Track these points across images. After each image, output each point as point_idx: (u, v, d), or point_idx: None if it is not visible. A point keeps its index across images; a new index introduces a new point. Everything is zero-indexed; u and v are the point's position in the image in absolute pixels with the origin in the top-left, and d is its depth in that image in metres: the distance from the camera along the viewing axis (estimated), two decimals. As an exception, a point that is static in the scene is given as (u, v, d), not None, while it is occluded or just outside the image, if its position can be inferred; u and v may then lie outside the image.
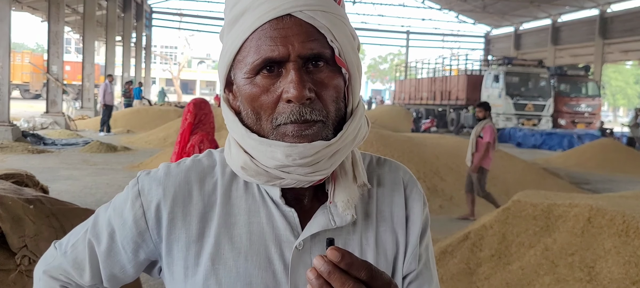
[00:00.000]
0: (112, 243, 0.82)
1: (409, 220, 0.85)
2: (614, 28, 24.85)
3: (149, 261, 0.83)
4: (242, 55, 0.75)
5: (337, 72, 0.75)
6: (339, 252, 0.60)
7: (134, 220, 0.80)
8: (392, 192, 0.85)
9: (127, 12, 25.23)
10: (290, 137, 0.72)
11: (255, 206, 0.79)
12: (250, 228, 0.78)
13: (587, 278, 3.65)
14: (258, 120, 0.75)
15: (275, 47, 0.71)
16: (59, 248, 0.87)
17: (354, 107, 0.78)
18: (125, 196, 0.82)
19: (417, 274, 0.86)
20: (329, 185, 0.79)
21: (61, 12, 15.32)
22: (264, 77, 0.73)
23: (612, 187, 8.96)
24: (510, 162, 8.86)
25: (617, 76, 45.69)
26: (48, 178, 7.02)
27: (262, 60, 0.72)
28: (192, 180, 0.80)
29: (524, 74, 20.37)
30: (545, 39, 29.70)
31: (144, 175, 0.82)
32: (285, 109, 0.72)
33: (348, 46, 0.75)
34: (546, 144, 16.76)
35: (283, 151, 0.72)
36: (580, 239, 3.87)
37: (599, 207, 4.00)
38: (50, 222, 2.55)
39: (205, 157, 0.84)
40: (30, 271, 2.44)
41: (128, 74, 24.13)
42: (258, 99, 0.74)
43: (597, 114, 21.09)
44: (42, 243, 2.45)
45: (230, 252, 0.77)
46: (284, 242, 0.78)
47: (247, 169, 0.76)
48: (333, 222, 0.77)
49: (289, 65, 0.72)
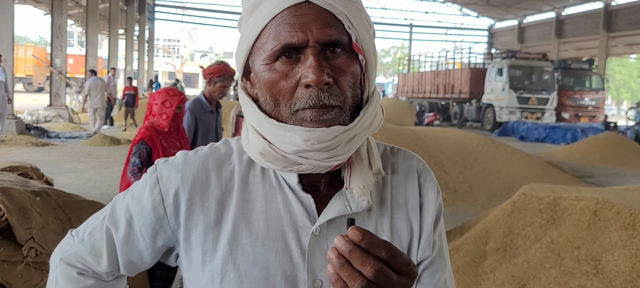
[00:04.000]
0: (130, 230, 0.83)
1: (423, 208, 0.86)
2: (618, 21, 24.72)
3: (167, 248, 0.84)
4: (260, 42, 0.76)
5: (354, 58, 0.76)
6: (359, 231, 0.61)
7: (152, 207, 0.81)
8: (406, 180, 0.87)
9: (130, 5, 25.19)
10: (309, 121, 0.73)
11: (273, 192, 0.80)
12: (267, 214, 0.79)
13: (593, 271, 3.64)
14: (276, 106, 0.76)
15: (294, 33, 0.72)
16: (76, 236, 0.88)
17: (370, 93, 0.79)
18: (143, 183, 0.83)
19: (431, 261, 0.87)
20: (345, 171, 0.80)
21: (64, 5, 15.32)
22: (282, 63, 0.74)
23: (616, 181, 8.93)
24: (514, 155, 8.84)
25: (621, 69, 45.47)
26: (52, 171, 7.03)
27: (281, 46, 0.73)
28: (209, 167, 0.82)
29: (528, 67, 20.29)
30: (549, 32, 29.56)
31: (162, 162, 0.83)
32: (304, 94, 0.73)
33: (364, 33, 0.76)
34: (550, 138, 16.72)
35: (301, 135, 0.73)
36: (586, 232, 3.86)
37: (606, 200, 3.99)
38: (56, 214, 2.55)
39: (222, 145, 0.85)
40: (37, 263, 2.44)
41: (131, 67, 24.12)
42: (277, 84, 0.75)
43: (600, 108, 21.01)
44: (48, 235, 2.45)
45: (248, 237, 0.78)
46: (300, 228, 0.79)
47: (266, 155, 0.77)
48: (349, 207, 0.79)
49: (307, 51, 0.73)
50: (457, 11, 36.62)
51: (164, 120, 3.31)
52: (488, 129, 20.07)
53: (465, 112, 22.22)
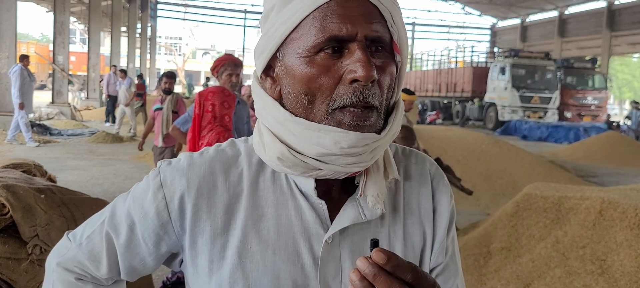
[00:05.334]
0: (131, 235, 0.79)
1: (436, 213, 0.84)
2: (621, 20, 24.65)
3: (170, 253, 0.81)
4: (298, 34, 0.71)
5: (391, 59, 0.73)
6: (384, 253, 0.58)
7: (156, 212, 0.77)
8: (419, 184, 0.84)
9: (132, 3, 25.20)
10: (347, 125, 0.69)
11: (284, 198, 0.76)
12: (278, 221, 0.76)
13: (598, 271, 3.63)
14: (310, 104, 0.71)
15: (343, 24, 0.68)
16: (73, 240, 0.84)
17: (397, 100, 0.77)
18: (145, 187, 0.79)
19: (444, 267, 0.85)
20: (360, 177, 0.77)
21: (67, 2, 15.32)
22: (325, 57, 0.70)
23: (619, 180, 8.91)
24: (517, 154, 8.82)
25: (624, 69, 45.36)
26: (55, 168, 7.03)
27: (326, 38, 0.69)
28: (216, 170, 0.77)
29: (530, 66, 20.25)
30: (552, 31, 29.50)
31: (166, 165, 0.79)
32: (347, 91, 0.69)
33: (403, 33, 0.74)
34: (552, 137, 16.69)
35: (333, 137, 0.69)
36: (591, 232, 3.84)
37: (611, 199, 3.97)
38: (61, 211, 2.54)
39: (229, 147, 0.81)
40: (42, 260, 2.44)
41: (133, 64, 24.14)
42: (316, 79, 0.70)
43: (603, 107, 20.96)
44: (53, 233, 2.44)
45: (258, 245, 0.75)
46: (312, 235, 0.75)
47: (284, 160, 0.73)
48: (363, 215, 0.76)
49: (353, 45, 0.69)
50: (460, 10, 36.56)
51: (228, 122, 3.39)
52: (490, 127, 20.04)
53: (468, 110, 22.19)
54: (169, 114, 5.48)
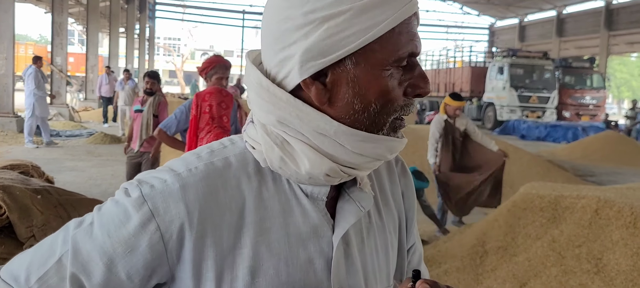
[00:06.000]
0: (110, 274, 0.67)
1: (404, 196, 0.88)
2: (619, 19, 24.68)
3: (157, 284, 0.72)
4: (379, 44, 0.68)
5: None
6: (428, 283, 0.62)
7: (148, 246, 0.67)
8: (387, 171, 0.86)
9: (130, 4, 25.19)
10: (399, 129, 0.74)
11: (289, 204, 0.73)
12: (287, 230, 0.72)
13: (594, 270, 3.64)
14: (378, 115, 0.70)
15: (418, 42, 0.72)
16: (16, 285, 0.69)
17: None
18: (123, 217, 0.68)
19: (415, 248, 0.92)
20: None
21: (65, 3, 15.32)
22: (400, 70, 0.71)
23: (617, 179, 8.93)
24: (515, 154, 8.83)
25: (622, 68, 45.41)
26: (53, 169, 7.03)
27: (408, 53, 0.71)
28: (214, 188, 0.70)
29: (529, 66, 20.27)
30: (550, 31, 29.52)
31: (150, 190, 0.68)
32: (408, 102, 0.73)
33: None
34: (550, 136, 16.71)
35: (388, 146, 0.72)
36: (587, 231, 3.85)
37: (607, 198, 3.99)
38: (57, 212, 2.55)
39: (216, 159, 0.73)
40: (38, 261, 2.44)
41: (132, 65, 24.12)
42: (392, 92, 0.70)
43: (601, 106, 21.00)
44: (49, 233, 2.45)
45: (270, 260, 0.70)
46: (321, 238, 0.73)
47: (332, 176, 0.71)
48: (361, 207, 0.76)
49: (413, 61, 0.72)
50: (458, 10, 36.59)
51: (226, 123, 3.35)
52: (489, 127, 20.06)
53: (466, 110, 22.21)
54: (149, 117, 5.20)
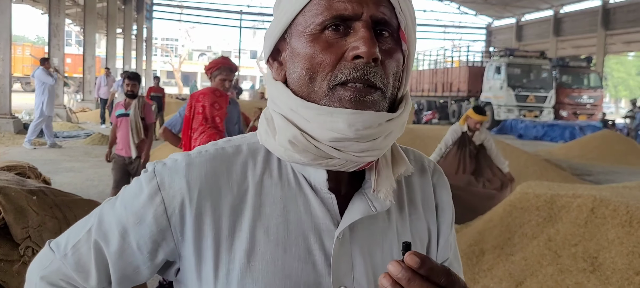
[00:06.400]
0: (123, 243, 0.73)
1: (438, 208, 0.83)
2: (616, 19, 24.74)
3: (166, 261, 0.76)
4: (304, 16, 0.71)
5: (399, 47, 0.73)
6: (418, 257, 0.57)
7: (153, 218, 0.72)
8: (420, 179, 0.83)
9: (127, 5, 25.16)
10: (348, 101, 0.68)
11: (292, 193, 0.73)
12: (287, 217, 0.72)
13: (590, 268, 3.65)
14: (311, 82, 0.70)
15: (349, 4, 0.68)
16: (57, 250, 0.78)
17: (406, 91, 0.76)
18: (137, 190, 0.74)
19: (449, 264, 0.85)
20: (370, 172, 0.75)
21: (62, 4, 15.30)
22: (328, 35, 0.69)
23: (614, 179, 8.95)
24: (512, 153, 8.85)
25: (619, 67, 45.51)
26: (50, 170, 7.03)
27: (331, 16, 0.69)
28: (218, 170, 0.73)
29: (526, 66, 20.32)
30: (547, 30, 29.58)
31: (161, 166, 0.74)
32: (348, 66, 0.68)
33: (411, 24, 0.73)
34: (548, 136, 16.75)
35: (346, 119, 0.67)
36: (583, 230, 3.87)
37: (603, 197, 4.00)
38: (53, 212, 2.55)
39: (228, 145, 0.77)
40: (34, 262, 2.45)
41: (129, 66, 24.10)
42: (318, 56, 0.69)
43: (599, 106, 21.05)
44: (45, 234, 2.45)
45: (267, 244, 0.71)
46: (323, 231, 0.73)
47: (296, 144, 0.70)
48: (373, 207, 0.73)
49: (358, 24, 0.69)
50: (456, 9, 36.63)
51: (219, 124, 3.36)
52: (486, 127, 20.08)
53: (464, 110, 22.22)
54: (137, 120, 5.08)
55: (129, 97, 5.19)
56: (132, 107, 5.11)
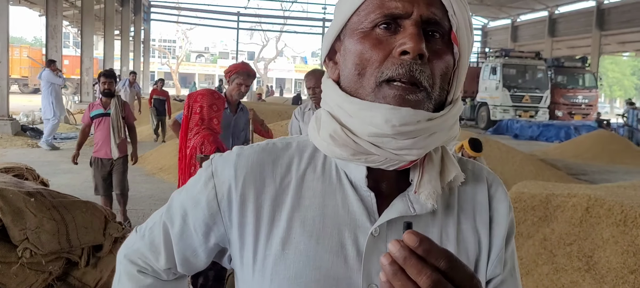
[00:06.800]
0: (184, 225, 0.80)
1: (493, 221, 0.80)
2: (611, 19, 24.83)
3: (220, 247, 0.81)
4: (358, 16, 0.73)
5: (449, 50, 0.72)
6: (416, 236, 0.54)
7: (206, 202, 0.78)
8: (474, 189, 0.80)
9: (125, 6, 25.13)
10: (392, 98, 0.68)
11: (331, 188, 0.75)
12: (324, 210, 0.74)
13: (585, 267, 3.68)
14: (360, 78, 0.71)
15: (400, 2, 0.69)
16: (139, 232, 0.87)
17: (455, 97, 0.75)
18: (198, 178, 0.80)
19: (502, 280, 0.81)
20: (414, 174, 0.74)
21: (59, 6, 15.27)
22: (379, 32, 0.71)
23: (609, 178, 9.00)
24: (508, 153, 8.89)
25: (614, 67, 45.67)
26: (48, 172, 7.02)
27: (383, 14, 0.70)
28: (264, 161, 0.77)
29: (521, 66, 20.41)
30: (542, 31, 29.67)
31: (218, 157, 0.81)
32: (395, 62, 0.69)
33: (464, 29, 0.73)
34: (543, 136, 16.82)
35: (384, 114, 0.68)
36: (578, 229, 3.89)
37: (597, 197, 4.03)
38: (51, 214, 2.56)
39: (280, 141, 0.81)
40: (32, 263, 2.45)
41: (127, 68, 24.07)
42: (367, 52, 0.71)
43: (594, 105, 21.15)
44: (43, 236, 2.45)
45: (302, 235, 0.73)
46: (358, 227, 0.73)
47: (336, 138, 0.72)
48: (412, 209, 0.73)
49: (407, 22, 0.69)
50: (452, 10, 36.65)
51: (215, 125, 3.39)
52: (482, 127, 20.15)
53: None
54: (119, 119, 4.93)
55: (105, 95, 4.98)
56: (112, 106, 4.93)
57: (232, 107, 3.88)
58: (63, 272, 2.62)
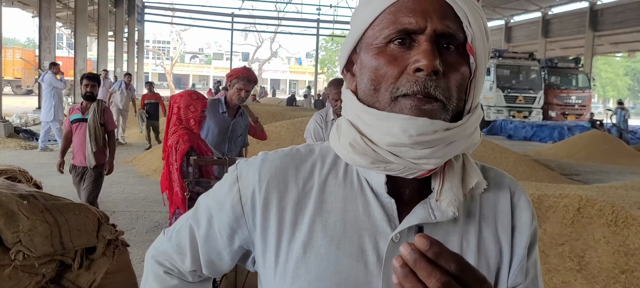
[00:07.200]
0: (209, 228, 0.82)
1: (515, 230, 0.80)
2: (604, 20, 24.98)
3: (244, 250, 0.83)
4: (373, 30, 0.74)
5: (465, 61, 0.73)
6: (427, 239, 0.55)
7: (231, 205, 0.80)
8: (496, 197, 0.80)
9: (118, 7, 25.05)
10: (408, 109, 0.69)
11: (353, 194, 0.77)
12: (345, 216, 0.75)
13: (577, 267, 3.71)
14: (376, 92, 0.72)
15: (414, 17, 0.70)
16: (166, 234, 0.89)
17: (473, 105, 0.75)
18: (223, 182, 0.83)
19: None
20: (435, 181, 0.75)
21: (52, 7, 15.21)
22: (394, 48, 0.72)
23: (602, 178, 9.06)
24: (501, 154, 8.94)
25: (607, 68, 45.96)
26: (41, 173, 6.98)
27: (397, 30, 0.71)
28: (288, 166, 0.79)
29: (515, 67, 20.50)
30: (536, 32, 29.81)
31: (243, 161, 0.83)
32: (410, 79, 0.69)
33: (480, 38, 0.73)
34: (537, 136, 16.91)
35: (401, 124, 0.69)
36: (570, 229, 3.93)
37: (589, 197, 4.06)
38: (44, 217, 2.55)
39: (304, 147, 0.83)
40: (25, 266, 2.45)
41: (121, 69, 24.00)
42: (382, 68, 0.72)
43: (587, 106, 21.29)
44: (36, 238, 2.45)
45: (323, 239, 0.75)
46: (379, 233, 0.74)
47: (355, 147, 0.73)
48: (433, 216, 0.74)
49: (421, 38, 0.70)
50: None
51: (193, 125, 3.42)
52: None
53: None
54: (96, 126, 4.57)
55: (86, 99, 4.72)
56: (90, 111, 4.62)
57: (231, 111, 3.88)
58: (56, 275, 2.62)
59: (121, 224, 5.28)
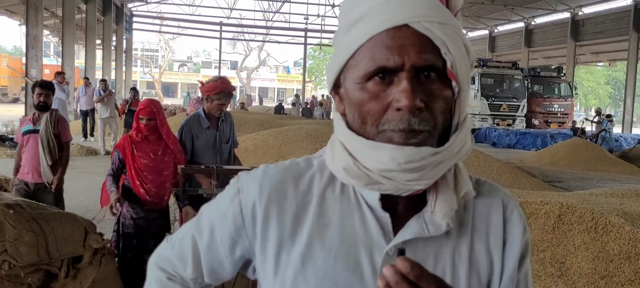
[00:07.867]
0: (211, 238, 0.85)
1: (506, 243, 0.82)
2: (585, 30, 25.35)
3: (245, 259, 0.85)
4: (355, 61, 0.75)
5: (447, 84, 0.74)
6: (408, 262, 0.59)
7: (232, 216, 0.82)
8: (489, 210, 0.82)
9: (107, 16, 24.88)
10: (395, 141, 0.72)
11: (350, 208, 0.79)
12: (342, 229, 0.78)
13: (557, 273, 3.77)
14: (363, 124, 0.75)
15: (391, 55, 0.71)
16: (169, 242, 0.92)
17: (460, 120, 0.77)
18: (225, 194, 0.85)
19: None
20: (429, 194, 0.77)
21: (39, 15, 15.07)
22: (375, 84, 0.73)
23: (583, 185, 9.18)
24: (485, 161, 9.04)
25: (589, 77, 46.63)
26: (25, 183, 6.92)
27: (375, 67, 0.72)
28: (287, 179, 0.81)
29: (499, 76, 20.74)
30: (519, 42, 30.16)
31: (245, 174, 0.85)
32: (394, 117, 0.72)
33: (461, 59, 0.74)
34: (520, 144, 17.09)
35: (389, 154, 0.71)
36: (551, 235, 3.99)
37: (569, 204, 4.13)
38: (30, 226, 2.56)
39: (303, 161, 0.85)
40: (10, 276, 2.45)
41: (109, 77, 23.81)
42: (366, 104, 0.74)
43: (569, 114, 21.58)
44: (22, 248, 2.45)
45: (321, 251, 0.77)
46: (374, 246, 0.77)
47: (349, 171, 0.76)
48: (427, 230, 0.76)
49: (401, 75, 0.71)
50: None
51: (134, 129, 3.59)
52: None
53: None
54: (50, 138, 4.16)
55: (39, 109, 4.28)
56: (42, 121, 4.17)
57: (214, 124, 3.86)
58: (42, 284, 2.62)
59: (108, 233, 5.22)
